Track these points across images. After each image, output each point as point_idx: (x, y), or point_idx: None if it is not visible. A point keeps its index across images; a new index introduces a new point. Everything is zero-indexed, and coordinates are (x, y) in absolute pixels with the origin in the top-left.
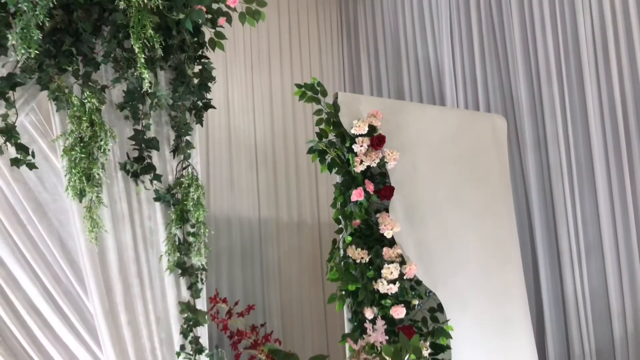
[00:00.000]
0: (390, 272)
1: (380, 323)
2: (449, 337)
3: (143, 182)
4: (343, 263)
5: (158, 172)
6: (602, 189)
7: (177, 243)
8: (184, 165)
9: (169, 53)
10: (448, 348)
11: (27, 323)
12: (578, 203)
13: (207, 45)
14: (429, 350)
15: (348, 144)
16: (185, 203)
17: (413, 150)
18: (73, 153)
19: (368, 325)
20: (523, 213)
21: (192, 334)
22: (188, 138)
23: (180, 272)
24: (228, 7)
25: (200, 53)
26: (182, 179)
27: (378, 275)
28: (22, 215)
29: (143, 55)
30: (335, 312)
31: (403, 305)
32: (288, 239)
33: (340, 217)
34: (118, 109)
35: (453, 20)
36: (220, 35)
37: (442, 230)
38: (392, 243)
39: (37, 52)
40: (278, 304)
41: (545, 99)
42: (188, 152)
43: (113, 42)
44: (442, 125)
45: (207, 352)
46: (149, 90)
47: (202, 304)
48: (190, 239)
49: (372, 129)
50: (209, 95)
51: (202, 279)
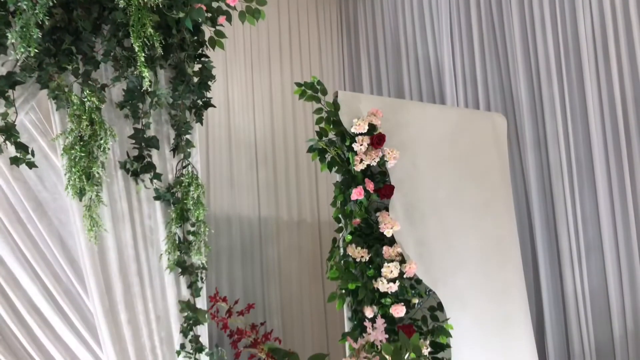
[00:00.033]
0: (390, 270)
1: (380, 322)
2: (449, 335)
3: (143, 180)
4: (343, 262)
5: (158, 170)
6: (602, 188)
7: (177, 242)
8: (184, 164)
9: (169, 52)
10: (448, 347)
11: (27, 322)
12: (578, 202)
13: (207, 44)
14: (429, 349)
15: (348, 143)
16: (185, 202)
17: (413, 149)
18: (73, 152)
19: (368, 324)
20: (523, 212)
21: (192, 333)
22: (188, 137)
23: (180, 270)
24: (228, 5)
25: (200, 52)
26: (182, 178)
27: (378, 274)
28: (22, 214)
29: (143, 54)
30: (335, 310)
31: (403, 304)
32: (288, 238)
33: (340, 215)
34: (118, 108)
35: (453, 19)
36: (220, 34)
37: (442, 229)
38: (392, 242)
39: (36, 50)
40: (278, 303)
41: (545, 98)
42: (188, 150)
43: (113, 40)
44: (442, 124)
45: (207, 350)
46: (149, 89)
47: (202, 303)
48: (190, 238)
49: (372, 128)
50: (209, 94)
51: (202, 278)
